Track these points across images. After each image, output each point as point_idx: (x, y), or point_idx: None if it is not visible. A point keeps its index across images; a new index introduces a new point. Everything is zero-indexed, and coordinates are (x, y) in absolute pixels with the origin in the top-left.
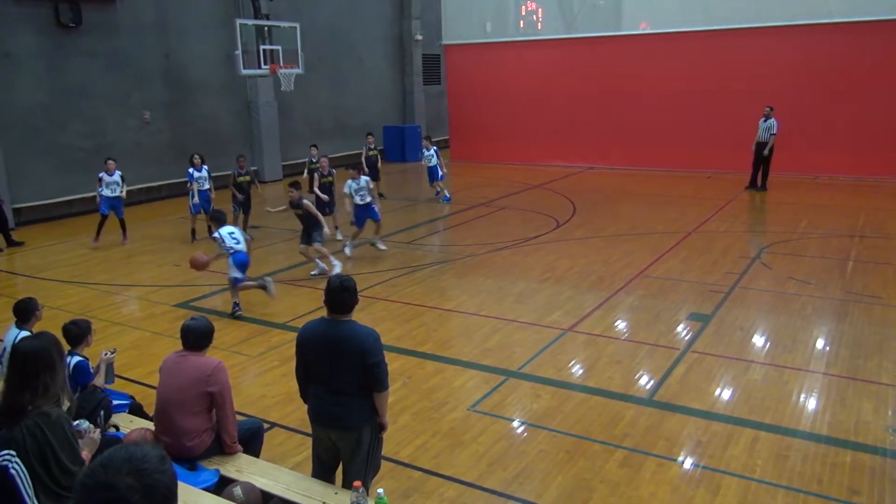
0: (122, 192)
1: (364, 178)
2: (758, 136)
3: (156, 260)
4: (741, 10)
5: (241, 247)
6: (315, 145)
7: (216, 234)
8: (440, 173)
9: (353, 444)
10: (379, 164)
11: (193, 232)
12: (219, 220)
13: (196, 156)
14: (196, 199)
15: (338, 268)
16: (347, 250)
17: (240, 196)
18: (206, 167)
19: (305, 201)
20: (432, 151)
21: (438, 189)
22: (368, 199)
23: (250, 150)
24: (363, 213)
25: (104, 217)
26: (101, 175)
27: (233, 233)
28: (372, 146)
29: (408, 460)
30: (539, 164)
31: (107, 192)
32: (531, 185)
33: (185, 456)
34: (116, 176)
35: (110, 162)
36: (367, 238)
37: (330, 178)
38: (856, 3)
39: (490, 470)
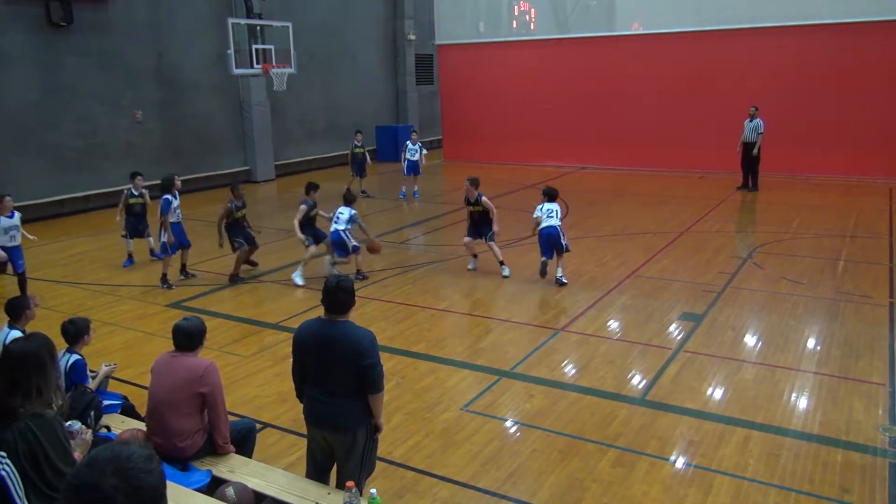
0: (19, 240)
1: (349, 211)
2: (744, 136)
3: (148, 260)
4: (733, 11)
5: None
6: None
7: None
8: (419, 169)
9: (348, 445)
10: (367, 162)
11: (165, 277)
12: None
13: (178, 178)
14: (170, 237)
15: (506, 271)
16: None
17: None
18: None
19: (484, 197)
20: (417, 146)
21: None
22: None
23: (243, 149)
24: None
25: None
26: None
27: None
28: (359, 143)
29: (401, 460)
30: (532, 164)
31: (3, 241)
32: (524, 185)
33: (177, 456)
34: (16, 218)
35: (7, 199)
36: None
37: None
38: (847, 4)
39: (483, 470)
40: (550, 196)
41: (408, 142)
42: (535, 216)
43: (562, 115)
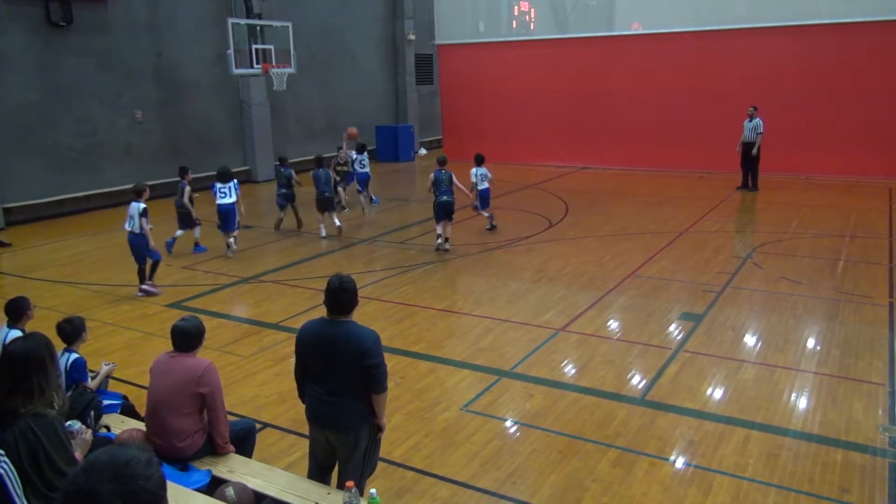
0: None
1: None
2: (743, 136)
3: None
4: (733, 11)
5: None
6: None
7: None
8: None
9: (351, 445)
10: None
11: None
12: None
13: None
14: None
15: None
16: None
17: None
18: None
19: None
20: (364, 156)
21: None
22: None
23: (243, 149)
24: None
25: None
26: None
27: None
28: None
29: (400, 460)
30: (532, 164)
31: None
32: (523, 185)
33: (176, 456)
34: None
35: None
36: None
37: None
38: (847, 4)
39: (483, 470)
40: (479, 161)
41: (354, 153)
42: (472, 181)
43: (562, 115)
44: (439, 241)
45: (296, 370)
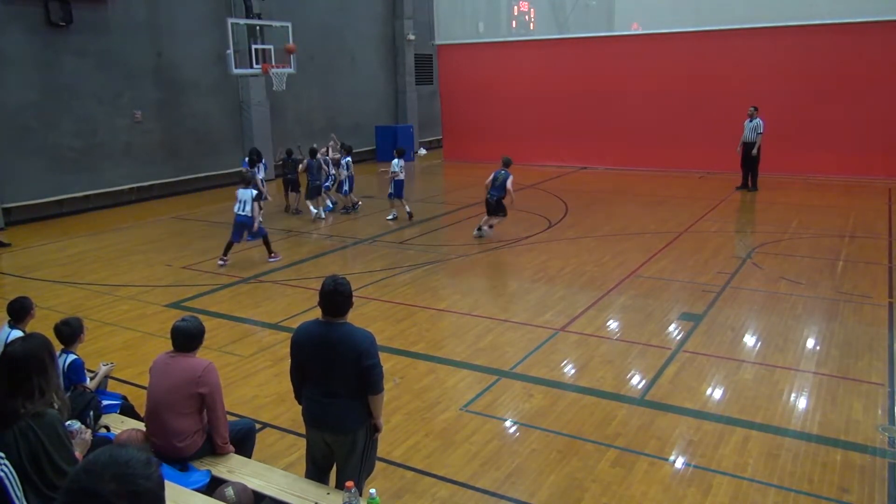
0: None
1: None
2: (744, 136)
3: (147, 260)
4: (732, 11)
5: None
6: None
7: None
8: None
9: (348, 446)
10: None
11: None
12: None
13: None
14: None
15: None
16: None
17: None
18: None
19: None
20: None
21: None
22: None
23: (242, 149)
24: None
25: None
26: None
27: None
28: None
29: (400, 460)
30: (531, 164)
31: None
32: (523, 185)
33: (176, 457)
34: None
35: None
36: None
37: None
38: (847, 4)
39: (482, 470)
40: (400, 153)
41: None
42: (393, 170)
43: (561, 115)
44: (480, 227)
45: (291, 372)
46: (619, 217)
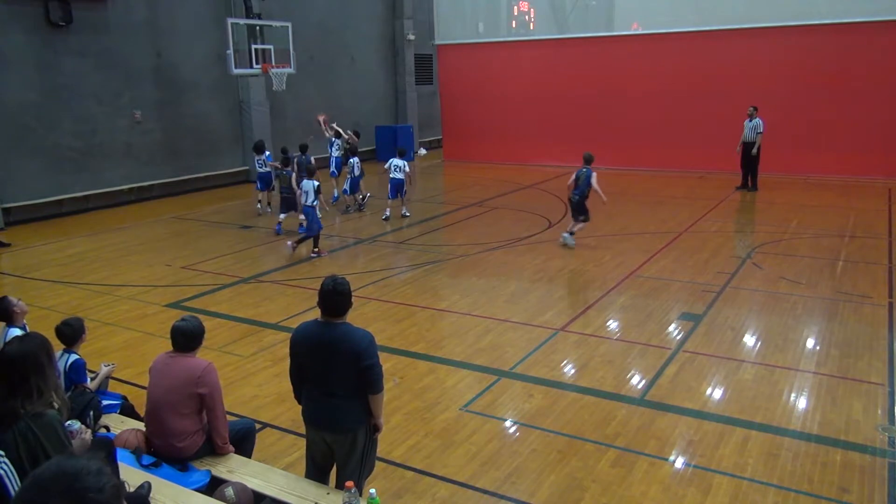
0: None
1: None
2: (744, 136)
3: (147, 260)
4: (732, 11)
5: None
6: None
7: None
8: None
9: (348, 446)
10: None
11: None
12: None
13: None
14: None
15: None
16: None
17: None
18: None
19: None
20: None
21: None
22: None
23: (242, 149)
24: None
25: None
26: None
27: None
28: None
29: (400, 460)
30: (531, 164)
31: None
32: (523, 185)
33: (176, 457)
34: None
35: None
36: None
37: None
38: (847, 4)
39: (482, 470)
40: (401, 154)
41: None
42: (385, 167)
43: (561, 115)
44: (571, 232)
45: (291, 372)
46: (619, 217)
